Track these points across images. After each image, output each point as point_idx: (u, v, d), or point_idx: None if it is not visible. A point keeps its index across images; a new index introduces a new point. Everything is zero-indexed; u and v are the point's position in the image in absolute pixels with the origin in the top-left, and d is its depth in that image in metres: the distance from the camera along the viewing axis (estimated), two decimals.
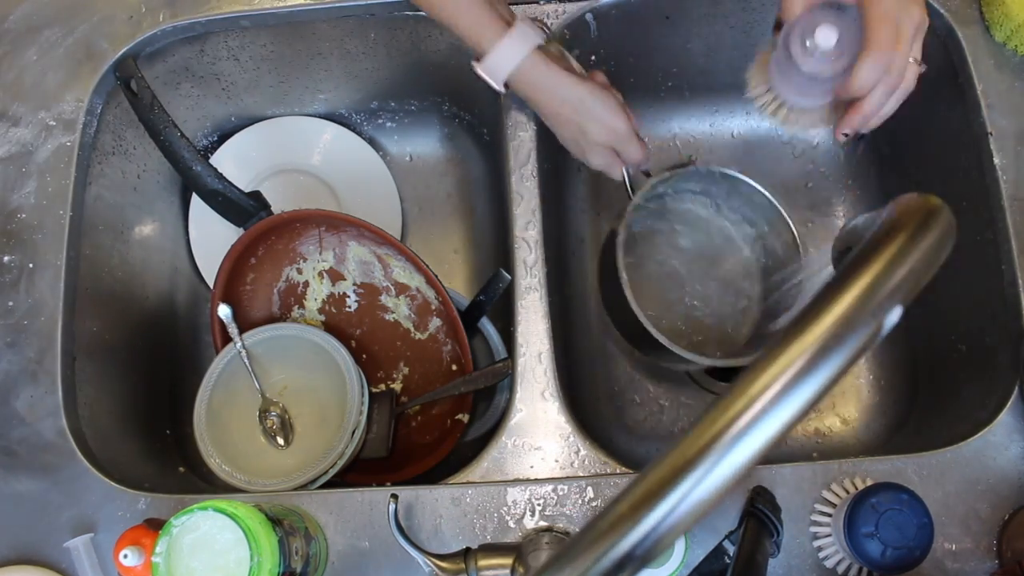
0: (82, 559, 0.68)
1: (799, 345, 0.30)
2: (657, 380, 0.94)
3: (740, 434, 0.29)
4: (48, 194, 0.80)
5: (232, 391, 0.82)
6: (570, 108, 0.72)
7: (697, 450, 0.30)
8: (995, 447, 0.68)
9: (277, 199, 0.84)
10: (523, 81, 0.71)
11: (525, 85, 0.72)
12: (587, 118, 0.72)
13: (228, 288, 0.85)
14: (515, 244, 0.78)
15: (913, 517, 0.60)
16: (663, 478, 0.30)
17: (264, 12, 0.85)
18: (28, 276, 0.78)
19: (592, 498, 0.68)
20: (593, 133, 0.73)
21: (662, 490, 0.30)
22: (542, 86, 0.71)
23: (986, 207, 0.76)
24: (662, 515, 0.29)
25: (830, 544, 0.65)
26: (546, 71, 0.70)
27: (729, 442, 0.29)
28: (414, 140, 1.03)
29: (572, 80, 0.71)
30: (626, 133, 0.73)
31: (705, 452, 0.29)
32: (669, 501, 0.29)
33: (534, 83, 0.71)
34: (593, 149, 0.75)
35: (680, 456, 0.30)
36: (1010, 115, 0.76)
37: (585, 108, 0.71)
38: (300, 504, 0.68)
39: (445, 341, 0.89)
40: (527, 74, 0.70)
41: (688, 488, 0.29)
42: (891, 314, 0.30)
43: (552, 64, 0.70)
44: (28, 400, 0.74)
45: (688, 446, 0.30)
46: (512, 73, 0.70)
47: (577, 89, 0.71)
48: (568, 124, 0.73)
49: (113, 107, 0.86)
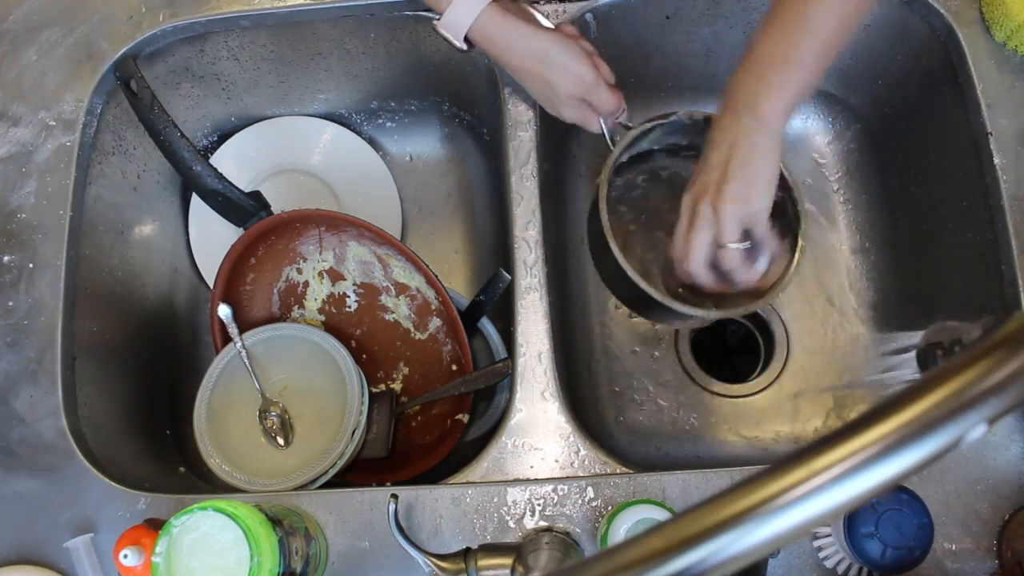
0: (82, 559, 0.68)
1: (876, 431, 0.29)
2: (657, 380, 0.94)
3: (791, 503, 0.29)
4: (48, 194, 0.80)
5: (232, 391, 0.82)
6: (534, 60, 0.70)
7: (745, 507, 0.29)
8: (995, 447, 0.68)
9: (277, 199, 0.84)
10: (483, 36, 0.69)
11: (486, 41, 0.70)
12: (552, 69, 0.70)
13: (228, 288, 0.85)
14: (515, 244, 0.78)
15: (913, 517, 0.60)
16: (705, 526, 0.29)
17: (264, 12, 0.85)
18: (28, 276, 0.78)
19: (592, 498, 0.68)
20: (560, 84, 0.71)
21: (700, 537, 0.29)
22: (503, 40, 0.69)
23: (986, 207, 0.76)
24: (692, 562, 0.29)
25: (830, 544, 0.65)
26: (504, 23, 0.69)
27: (779, 508, 0.29)
28: (414, 140, 1.03)
29: (533, 31, 0.69)
30: (594, 81, 0.71)
31: (753, 511, 0.29)
32: (703, 550, 0.29)
33: (494, 37, 0.69)
34: (563, 102, 0.72)
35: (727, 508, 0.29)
36: (1010, 115, 0.76)
37: (549, 59, 0.69)
38: (300, 504, 0.68)
39: (445, 341, 0.89)
40: (486, 28, 0.69)
41: (726, 543, 0.29)
42: (976, 428, 0.30)
43: (511, 16, 0.69)
44: (28, 400, 0.74)
45: (736, 500, 0.29)
46: (471, 28, 0.69)
47: (539, 40, 0.69)
48: (534, 77, 0.71)
49: (113, 107, 0.86)
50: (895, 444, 0.29)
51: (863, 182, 0.97)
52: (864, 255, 0.96)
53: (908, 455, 0.29)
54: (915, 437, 0.29)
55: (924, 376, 0.31)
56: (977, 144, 0.77)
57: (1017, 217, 0.73)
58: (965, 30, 0.79)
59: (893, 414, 0.29)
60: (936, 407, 0.29)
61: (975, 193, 0.78)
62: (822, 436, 0.30)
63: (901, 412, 0.29)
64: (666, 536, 0.30)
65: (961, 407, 0.29)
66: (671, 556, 0.29)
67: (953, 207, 0.82)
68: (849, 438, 0.29)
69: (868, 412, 0.30)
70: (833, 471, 0.29)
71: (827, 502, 0.29)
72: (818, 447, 0.30)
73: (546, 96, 0.73)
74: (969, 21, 0.79)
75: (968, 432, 0.29)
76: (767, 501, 0.29)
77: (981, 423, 0.29)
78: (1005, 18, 0.76)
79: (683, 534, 0.30)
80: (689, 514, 0.30)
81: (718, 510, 0.30)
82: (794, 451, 0.30)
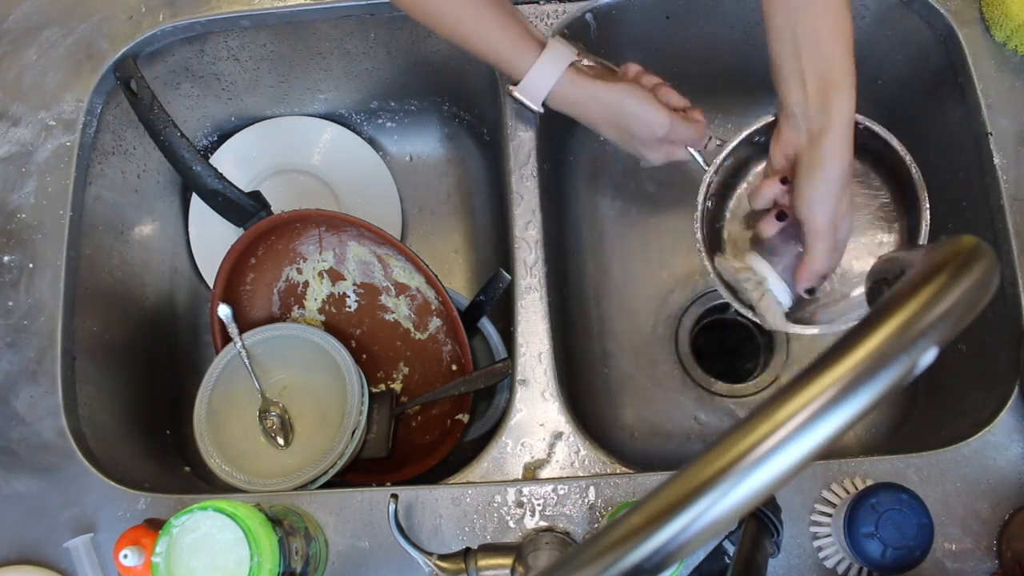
0: (82, 559, 0.68)
1: (830, 375, 0.30)
2: (657, 380, 0.94)
3: (762, 458, 0.29)
4: (48, 194, 0.80)
5: (232, 391, 0.82)
6: (610, 114, 0.71)
7: (716, 471, 0.29)
8: (995, 447, 0.68)
9: (277, 199, 0.84)
10: (560, 99, 0.71)
11: (564, 103, 0.71)
12: (628, 120, 0.71)
13: (228, 288, 0.85)
14: (515, 244, 0.78)
15: (913, 517, 0.60)
16: (680, 495, 0.30)
17: (264, 12, 0.85)
18: (28, 276, 0.78)
19: (592, 498, 0.68)
20: (639, 133, 0.72)
21: (678, 507, 0.29)
22: (580, 101, 0.71)
23: (986, 207, 0.76)
24: (675, 532, 0.29)
25: (830, 544, 0.65)
26: (580, 85, 0.70)
27: (750, 465, 0.29)
28: (414, 140, 1.03)
29: (605, 87, 0.70)
30: (669, 124, 0.72)
31: (724, 473, 0.29)
32: (683, 519, 0.29)
33: (572, 99, 0.71)
34: (646, 146, 0.74)
35: (698, 475, 0.30)
36: (1010, 115, 0.76)
37: (625, 111, 0.71)
38: (300, 504, 0.68)
39: (445, 341, 0.89)
40: (563, 92, 0.70)
41: (704, 507, 0.29)
42: (926, 354, 0.30)
43: (586, 78, 0.70)
44: (28, 400, 0.74)
45: (707, 465, 0.30)
46: (549, 93, 0.70)
47: (612, 94, 0.70)
48: (613, 129, 0.73)
49: (113, 107, 0.86)
50: (851, 384, 0.30)
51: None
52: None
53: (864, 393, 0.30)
54: (869, 375, 0.30)
55: (872, 310, 0.31)
56: (977, 144, 0.77)
57: (1017, 217, 0.73)
58: (965, 30, 0.79)
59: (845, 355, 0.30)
60: (885, 342, 0.30)
61: (975, 193, 0.78)
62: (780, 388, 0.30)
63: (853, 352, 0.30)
64: (644, 511, 0.30)
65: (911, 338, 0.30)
66: (652, 529, 0.30)
67: (953, 207, 0.82)
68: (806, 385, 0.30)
69: (822, 355, 0.31)
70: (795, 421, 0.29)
71: (795, 452, 0.29)
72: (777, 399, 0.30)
73: (628, 144, 0.74)
74: (969, 21, 0.79)
75: (919, 359, 0.30)
76: (737, 460, 0.29)
77: (931, 348, 0.30)
78: (1005, 18, 0.76)
79: (660, 506, 0.30)
80: (663, 488, 0.31)
81: (691, 478, 0.30)
82: (755, 407, 0.30)
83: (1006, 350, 0.72)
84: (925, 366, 0.30)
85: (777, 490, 0.30)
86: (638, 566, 0.30)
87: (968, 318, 0.31)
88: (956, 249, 0.33)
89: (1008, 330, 0.72)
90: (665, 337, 0.95)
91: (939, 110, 0.83)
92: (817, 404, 0.29)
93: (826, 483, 0.67)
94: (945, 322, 0.30)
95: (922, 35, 0.83)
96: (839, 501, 0.65)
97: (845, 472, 0.67)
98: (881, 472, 0.67)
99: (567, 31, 0.84)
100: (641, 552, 0.30)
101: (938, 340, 0.30)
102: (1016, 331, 0.71)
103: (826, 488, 0.66)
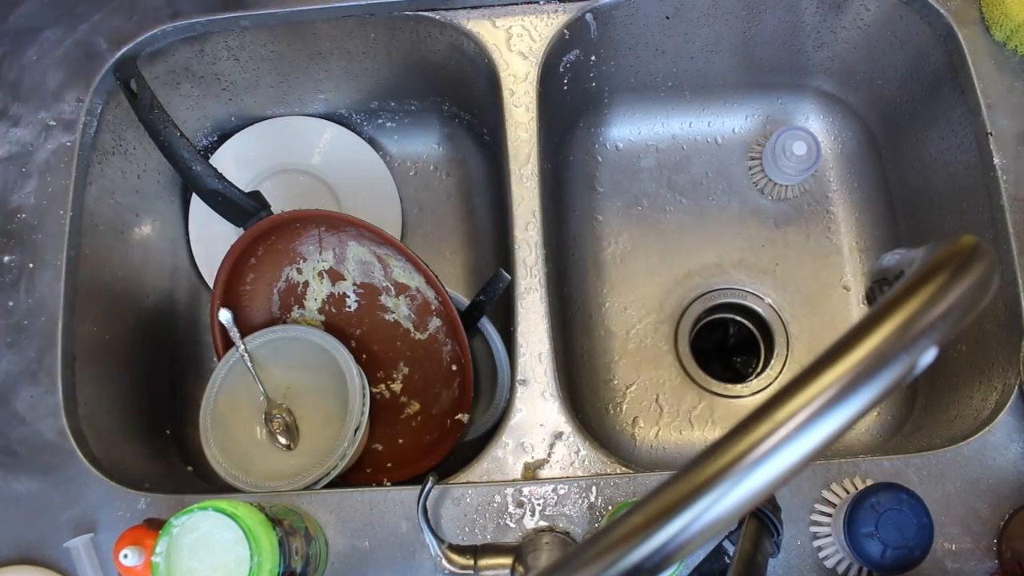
0: (82, 559, 0.68)
1: (830, 375, 0.30)
2: (657, 380, 0.94)
3: (762, 458, 0.29)
4: (48, 194, 0.80)
5: (236, 395, 0.82)
6: None
7: (716, 470, 0.29)
8: (995, 447, 0.68)
9: (277, 199, 0.84)
10: None
11: None
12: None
13: (228, 288, 0.85)
14: (515, 244, 0.78)
15: (913, 517, 0.60)
16: (681, 495, 0.30)
17: (264, 12, 0.84)
18: (28, 276, 0.78)
19: (592, 498, 0.68)
20: None
21: (678, 507, 0.30)
22: None
23: (986, 207, 0.76)
24: (675, 532, 0.29)
25: (830, 544, 0.65)
26: None
27: (750, 465, 0.29)
28: (414, 140, 1.03)
29: None
30: None
31: (724, 473, 0.29)
32: (683, 519, 0.29)
33: None
34: None
35: (699, 474, 0.30)
36: (1010, 115, 0.76)
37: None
38: (300, 504, 0.68)
39: (445, 341, 0.89)
40: None
41: (704, 507, 0.29)
42: (926, 354, 0.30)
43: None
44: (28, 400, 0.74)
45: (707, 465, 0.30)
46: None
47: None
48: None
49: (113, 107, 0.86)
50: (851, 384, 0.30)
51: (863, 181, 0.97)
52: (864, 254, 0.96)
53: (864, 393, 0.30)
54: (869, 375, 0.30)
55: (872, 310, 0.31)
56: (977, 144, 0.77)
57: (1017, 217, 0.73)
58: (965, 30, 0.79)
59: (845, 355, 0.30)
60: (885, 342, 0.30)
61: (975, 193, 0.78)
62: (781, 388, 0.31)
63: (853, 351, 0.30)
64: (644, 511, 0.30)
65: (910, 338, 0.30)
66: (652, 529, 0.30)
67: (953, 207, 0.82)
68: (806, 385, 0.30)
69: (822, 355, 0.31)
70: (795, 421, 0.29)
71: (795, 452, 0.29)
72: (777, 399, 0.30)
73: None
74: (969, 21, 0.79)
75: (919, 359, 0.30)
76: (737, 460, 0.29)
77: (931, 348, 0.30)
78: (1005, 18, 0.76)
79: (660, 506, 0.30)
80: (663, 488, 0.31)
81: (691, 478, 0.30)
82: (755, 408, 0.30)
83: (1006, 350, 0.72)
84: (925, 366, 0.30)
85: (777, 490, 0.30)
86: (638, 566, 0.30)
87: (968, 318, 0.31)
88: (956, 249, 0.33)
89: (1008, 330, 0.72)
90: (665, 337, 0.96)
91: (939, 110, 0.83)
92: (817, 404, 0.29)
93: (826, 483, 0.67)
94: (945, 322, 0.30)
95: (922, 35, 0.83)
96: (839, 501, 0.65)
97: (845, 472, 0.67)
98: (881, 472, 0.67)
99: (567, 31, 0.84)
100: (641, 552, 0.30)
101: (938, 340, 0.30)
102: (1016, 331, 0.71)
103: (826, 488, 0.66)
